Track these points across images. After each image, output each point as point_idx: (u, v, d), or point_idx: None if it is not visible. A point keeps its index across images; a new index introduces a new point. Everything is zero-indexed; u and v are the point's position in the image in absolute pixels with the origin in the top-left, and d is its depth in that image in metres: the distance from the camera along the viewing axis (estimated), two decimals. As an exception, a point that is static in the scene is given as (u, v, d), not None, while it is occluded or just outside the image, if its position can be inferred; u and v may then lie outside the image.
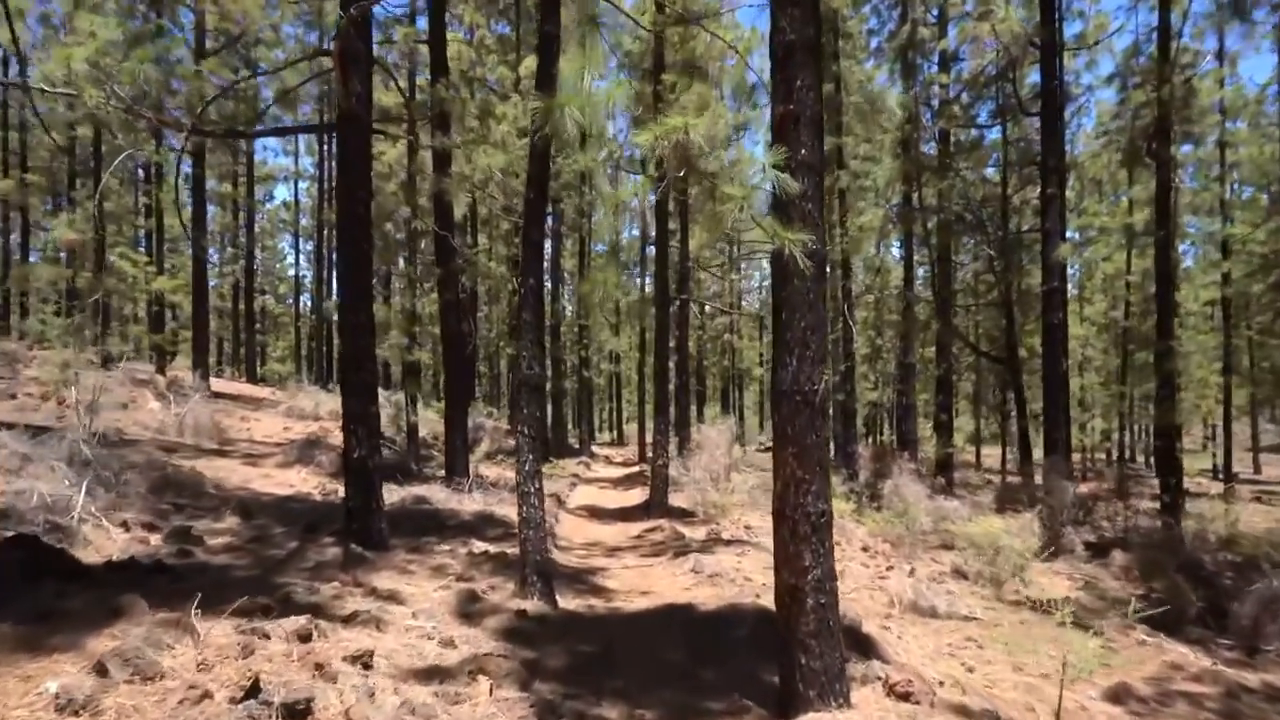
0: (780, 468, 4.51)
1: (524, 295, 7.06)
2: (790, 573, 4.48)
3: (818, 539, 4.43)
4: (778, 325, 4.55)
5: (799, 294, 4.44)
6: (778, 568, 4.62)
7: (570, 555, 10.24)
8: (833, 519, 4.60)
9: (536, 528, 6.86)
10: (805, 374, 4.42)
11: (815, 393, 4.42)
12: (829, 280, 23.28)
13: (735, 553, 9.89)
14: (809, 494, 4.41)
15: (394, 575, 7.47)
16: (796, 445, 4.43)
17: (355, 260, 8.26)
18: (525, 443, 6.94)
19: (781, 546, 4.54)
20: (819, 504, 4.44)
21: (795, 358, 4.43)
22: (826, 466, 4.53)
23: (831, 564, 4.51)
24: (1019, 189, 18.70)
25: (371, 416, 8.30)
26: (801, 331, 4.44)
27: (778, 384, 4.50)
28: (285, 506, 10.05)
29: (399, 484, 13.09)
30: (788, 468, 4.45)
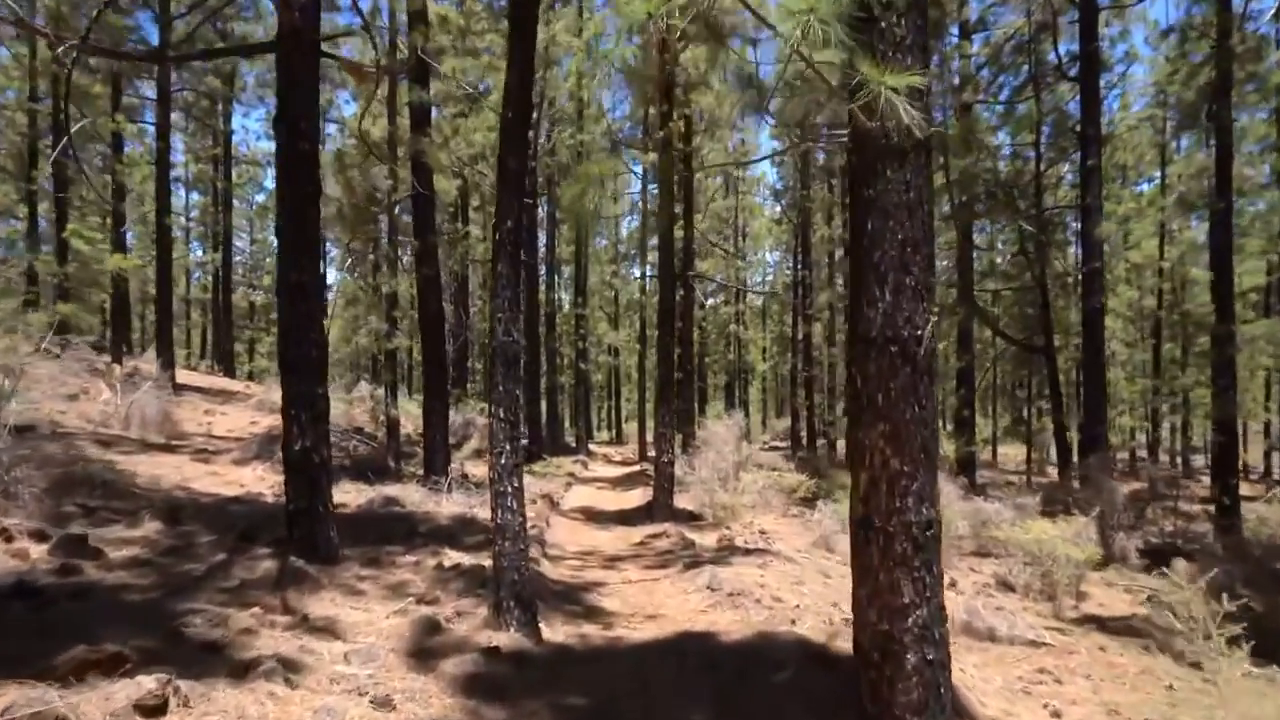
0: (863, 456, 3.01)
1: (499, 241, 5.56)
2: (880, 612, 2.98)
3: (923, 563, 2.93)
4: (857, 245, 3.06)
5: (895, 189, 2.95)
6: (858, 604, 3.12)
7: (562, 567, 8.73)
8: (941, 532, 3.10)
9: (515, 538, 5.35)
10: (904, 313, 2.93)
11: (919, 341, 2.92)
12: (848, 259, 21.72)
13: (755, 564, 8.38)
14: (909, 494, 2.92)
15: (338, 596, 5.96)
16: (889, 421, 2.93)
17: (296, 208, 6.75)
18: (500, 429, 5.43)
19: (865, 573, 3.03)
20: (924, 509, 2.94)
21: (889, 288, 2.94)
22: (934, 454, 3.02)
23: (941, 599, 3.01)
24: (1051, 164, 17.19)
25: (318, 399, 6.79)
26: (899, 248, 2.94)
27: (861, 330, 3.01)
28: (226, 510, 8.53)
29: (370, 483, 11.61)
30: (876, 455, 2.95)
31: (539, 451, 19.84)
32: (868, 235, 2.99)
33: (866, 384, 2.98)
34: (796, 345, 30.48)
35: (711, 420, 19.44)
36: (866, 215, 3.00)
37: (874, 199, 2.97)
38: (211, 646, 4.41)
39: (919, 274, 2.96)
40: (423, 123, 11.76)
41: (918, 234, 2.97)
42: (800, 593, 7.33)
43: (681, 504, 13.86)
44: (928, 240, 3.00)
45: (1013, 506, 12.24)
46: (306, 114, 6.79)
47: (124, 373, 16.55)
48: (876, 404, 2.96)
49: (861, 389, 3.01)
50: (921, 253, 2.97)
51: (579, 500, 15.59)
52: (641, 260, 29.26)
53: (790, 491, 15.09)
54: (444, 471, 11.64)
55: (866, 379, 2.98)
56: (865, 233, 3.00)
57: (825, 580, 8.40)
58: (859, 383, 3.03)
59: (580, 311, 26.67)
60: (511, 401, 5.48)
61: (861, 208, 3.02)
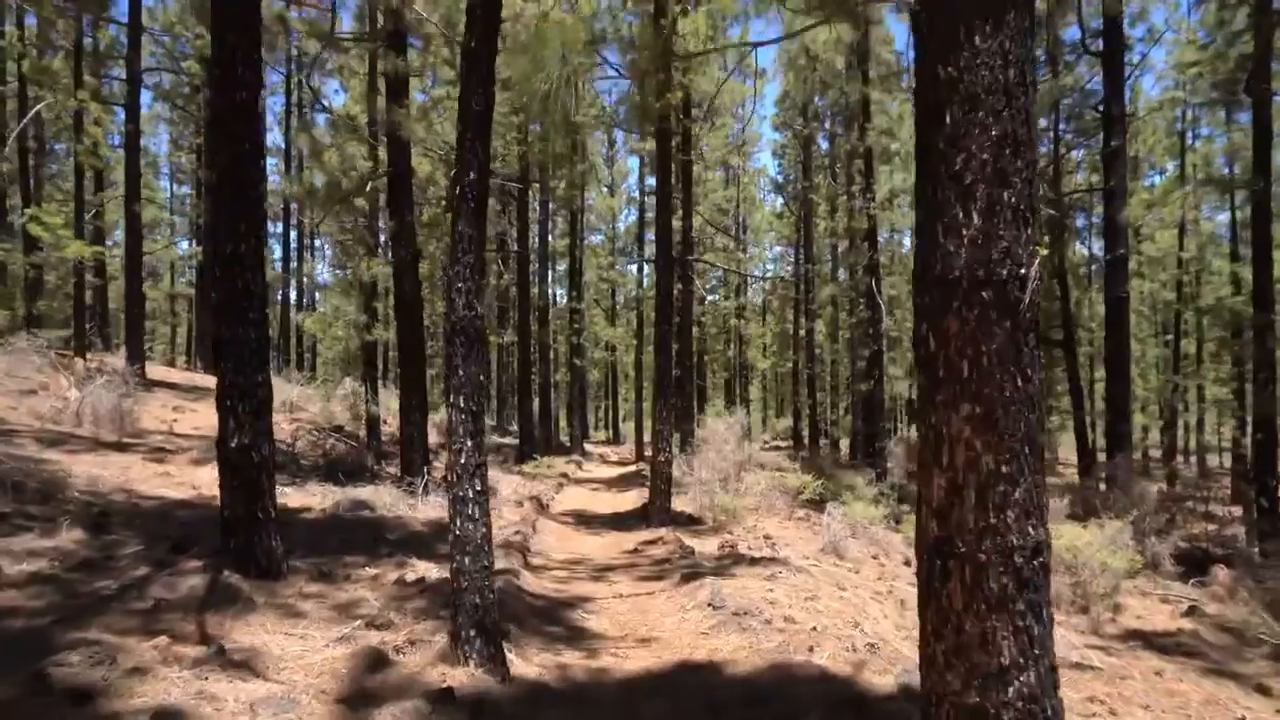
0: (939, 450, 2.08)
1: (459, 196, 4.64)
2: (965, 677, 2.06)
3: (1029, 605, 2.02)
4: (929, 149, 2.13)
5: (987, 63, 2.03)
6: (930, 662, 2.20)
7: (545, 578, 7.80)
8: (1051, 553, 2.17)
9: (477, 553, 4.43)
10: (1001, 242, 2.01)
11: (1023, 284, 1.99)
12: (854, 250, 20.85)
13: (763, 576, 7.46)
14: (1010, 505, 2.00)
15: (271, 620, 5.03)
16: (980, 400, 2.01)
17: (233, 168, 5.82)
18: (460, 422, 4.51)
19: (942, 620, 2.10)
20: (1031, 528, 2.01)
21: (979, 207, 2.03)
22: (1040, 449, 2.09)
23: (1054, 659, 2.07)
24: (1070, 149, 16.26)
25: (258, 388, 5.86)
26: (993, 148, 2.02)
27: (937, 269, 2.09)
28: (168, 515, 7.60)
29: (340, 484, 10.70)
30: (960, 449, 2.03)
31: (530, 451, 18.90)
32: (945, 133, 2.07)
33: (945, 346, 2.06)
34: (799, 342, 29.57)
35: (711, 418, 18.51)
36: (944, 104, 2.07)
37: (955, 79, 2.05)
38: (82, 694, 3.49)
39: (1021, 187, 2.04)
40: (399, 94, 10.82)
41: (1019, 128, 2.05)
42: (815, 611, 6.41)
43: (680, 506, 12.95)
44: (1030, 144, 2.07)
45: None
46: (246, 57, 5.86)
47: (90, 368, 15.64)
48: (960, 375, 2.03)
49: (937, 354, 2.08)
50: (1024, 157, 2.06)
51: (571, 502, 14.67)
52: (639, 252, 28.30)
53: (795, 493, 14.17)
54: (422, 472, 10.71)
55: (945, 339, 2.05)
56: (942, 130, 2.08)
57: (840, 594, 7.48)
58: (932, 345, 2.10)
59: (575, 306, 25.70)
60: (473, 388, 4.55)
61: (936, 93, 2.09)
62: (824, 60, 15.58)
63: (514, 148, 18.57)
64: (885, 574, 10.33)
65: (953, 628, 2.05)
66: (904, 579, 10.21)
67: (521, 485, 14.91)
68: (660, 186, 11.38)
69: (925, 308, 2.14)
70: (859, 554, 11.39)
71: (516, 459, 18.84)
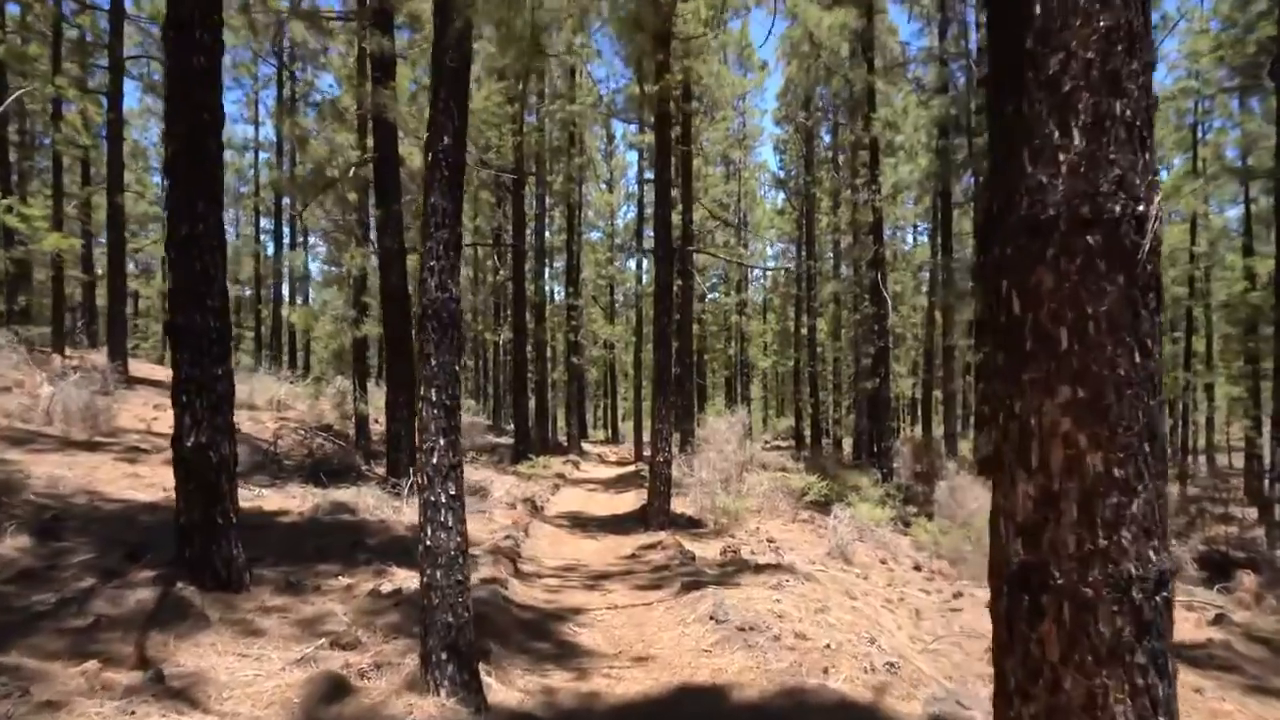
0: (1025, 446, 1.56)
1: (432, 164, 4.13)
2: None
3: (1150, 657, 1.46)
4: (1009, 47, 1.60)
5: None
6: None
7: (536, 586, 7.28)
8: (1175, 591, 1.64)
9: (450, 566, 3.91)
10: (1112, 169, 1.48)
11: (1139, 225, 1.46)
12: (859, 245, 20.29)
13: (768, 585, 6.94)
14: (1125, 522, 1.46)
15: (225, 639, 4.52)
16: (1084, 381, 1.48)
17: (190, 140, 5.30)
18: (432, 417, 4.00)
19: (1030, 673, 1.58)
20: (1151, 554, 1.47)
21: (1081, 121, 1.49)
22: (1162, 444, 1.55)
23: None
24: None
25: (216, 381, 5.34)
26: (1100, 45, 1.48)
27: (1022, 206, 1.55)
28: (130, 520, 7.08)
29: (322, 485, 10.17)
30: (1058, 445, 1.52)
31: (526, 451, 18.37)
32: (1035, 27, 1.55)
33: (1034, 308, 1.54)
34: (800, 340, 29.04)
35: (712, 417, 18.01)
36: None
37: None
38: (-24, 737, 2.98)
39: (1137, 96, 1.53)
40: (385, 76, 10.31)
41: (1134, 17, 1.53)
42: (826, 624, 5.89)
43: (680, 508, 12.44)
44: (1148, 35, 1.56)
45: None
46: (205, 19, 5.34)
47: (68, 364, 15.11)
48: (1056, 347, 1.52)
49: (1022, 320, 1.56)
50: (1140, 56, 1.54)
51: (567, 504, 14.14)
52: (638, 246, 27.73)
53: (799, 495, 13.66)
54: (409, 472, 10.19)
55: (1034, 299, 1.54)
56: (1029, 23, 1.56)
57: (852, 604, 6.97)
58: (1015, 308, 1.58)
59: (573, 302, 25.16)
60: (447, 379, 4.04)
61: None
62: (828, 47, 15.09)
63: (509, 139, 18.06)
64: (895, 580, 9.85)
65: (1046, 685, 1.53)
66: (914, 585, 9.72)
67: (515, 486, 14.39)
68: (659, 175, 10.86)
69: (1005, 261, 1.63)
70: (867, 558, 10.90)
71: (512, 459, 18.31)
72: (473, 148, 17.73)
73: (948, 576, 10.62)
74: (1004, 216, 1.63)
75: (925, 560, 11.44)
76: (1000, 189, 1.65)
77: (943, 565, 11.16)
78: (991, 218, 1.68)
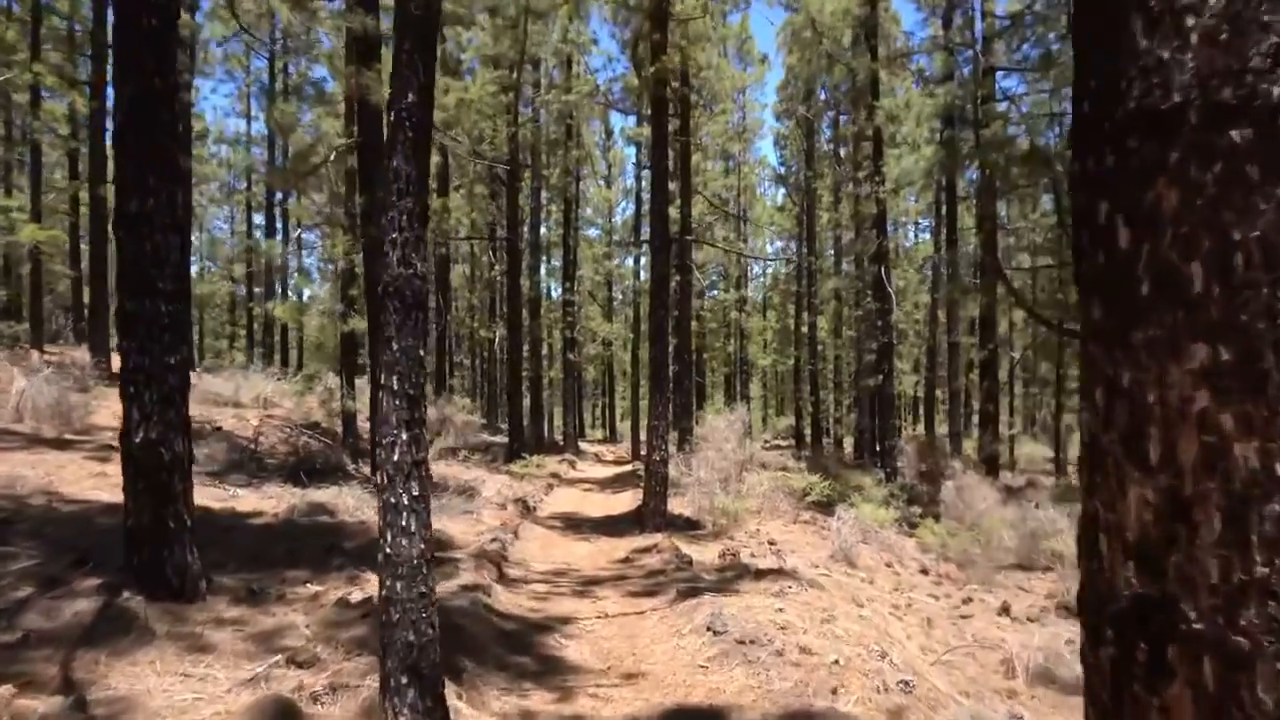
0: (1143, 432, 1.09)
1: (395, 123, 3.69)
2: None
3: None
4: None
5: None
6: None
7: (522, 593, 6.83)
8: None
9: (412, 577, 3.46)
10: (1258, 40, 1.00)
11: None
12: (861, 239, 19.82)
13: (770, 592, 6.49)
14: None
15: (170, 656, 4.08)
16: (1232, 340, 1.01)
17: (140, 109, 4.86)
18: (391, 406, 3.56)
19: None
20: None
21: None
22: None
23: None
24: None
25: (168, 372, 4.89)
26: None
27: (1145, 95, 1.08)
28: (88, 522, 6.63)
29: (303, 485, 9.76)
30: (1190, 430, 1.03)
31: (520, 449, 17.92)
32: None
33: (1152, 237, 1.09)
34: (800, 337, 28.58)
35: (711, 415, 17.57)
36: None
37: None
38: None
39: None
40: (369, 57, 9.87)
41: None
42: (833, 636, 5.44)
43: (677, 509, 12.01)
44: None
45: (1073, 515, 10.33)
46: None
47: (46, 360, 14.66)
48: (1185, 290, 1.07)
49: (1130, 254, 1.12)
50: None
51: (560, 505, 13.70)
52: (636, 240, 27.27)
53: (801, 495, 13.21)
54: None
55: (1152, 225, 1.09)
56: None
57: (859, 613, 6.52)
58: (1122, 238, 1.13)
59: (569, 298, 24.69)
60: (410, 366, 3.59)
61: None
62: (831, 34, 14.66)
63: (503, 130, 17.61)
64: (902, 584, 9.43)
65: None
66: (922, 589, 9.30)
67: (508, 486, 13.96)
68: (655, 163, 10.41)
69: (1103, 176, 1.18)
70: (871, 561, 10.48)
71: (506, 458, 17.87)
72: (466, 139, 17.28)
73: (956, 581, 10.19)
74: (1101, 114, 1.19)
75: (932, 563, 11.02)
76: (1096, 76, 1.20)
77: (950, 569, 10.74)
78: (1083, 119, 1.23)
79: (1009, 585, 10.00)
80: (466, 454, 17.12)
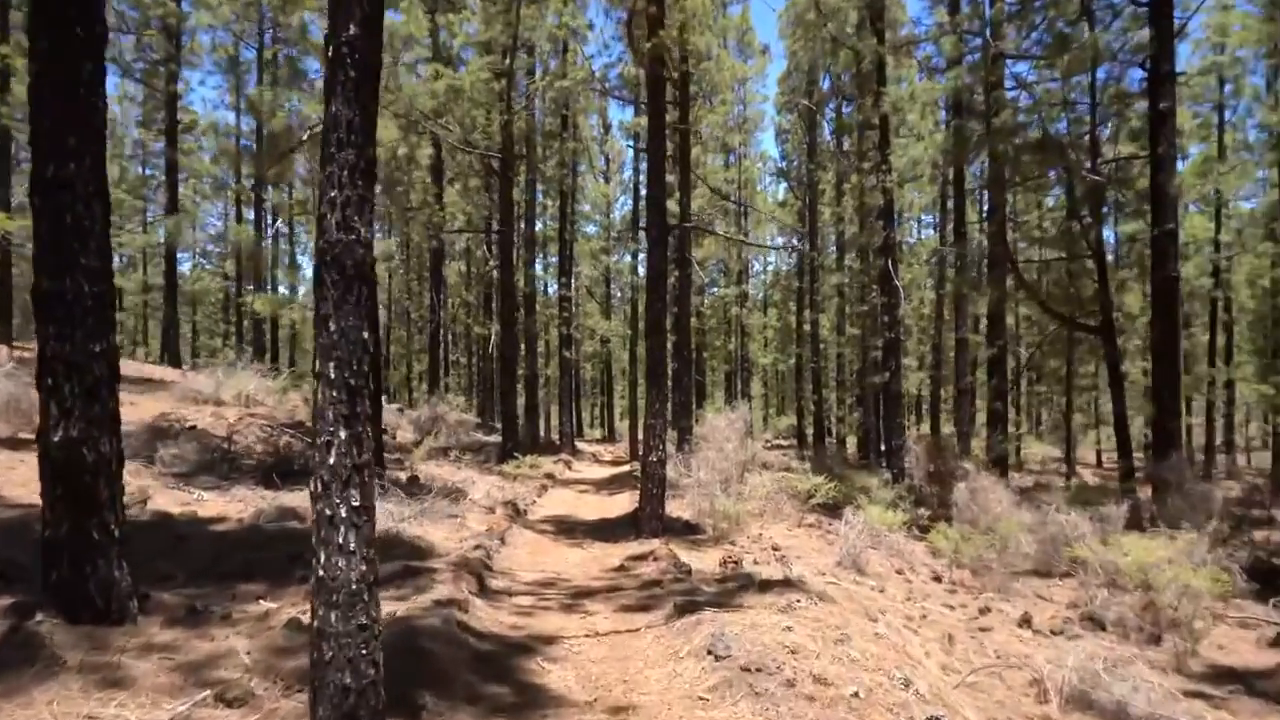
0: None
1: (334, 59, 3.09)
2: None
3: None
4: None
5: None
6: None
7: (503, 608, 6.22)
8: None
9: (350, 605, 2.86)
10: None
11: None
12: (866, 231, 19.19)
13: (776, 607, 5.87)
14: None
15: (76, 692, 3.47)
16: None
17: (61, 64, 4.25)
18: (328, 399, 2.95)
19: None
20: None
21: None
22: None
23: None
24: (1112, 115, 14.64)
25: (94, 361, 4.29)
26: None
27: None
28: (24, 530, 6.02)
29: (275, 487, 9.18)
30: None
31: (514, 449, 17.30)
32: None
33: None
34: (802, 335, 27.98)
35: (711, 414, 16.97)
36: None
37: None
38: None
39: None
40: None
41: None
42: (849, 660, 4.83)
43: (676, 511, 11.43)
44: None
45: (1097, 519, 9.74)
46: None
47: (17, 355, 14.05)
48: None
49: None
50: None
51: (553, 507, 13.10)
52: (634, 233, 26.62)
53: (805, 497, 12.60)
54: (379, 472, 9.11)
55: None
56: None
57: (874, 630, 5.91)
58: None
59: (565, 293, 24.05)
60: (351, 351, 2.98)
61: None
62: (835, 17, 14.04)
63: (496, 118, 16.96)
64: (914, 593, 8.85)
65: None
66: (936, 599, 8.71)
67: (498, 487, 13.35)
68: (652, 144, 9.79)
69: None
70: (881, 568, 9.91)
71: (498, 458, 17.26)
72: (458, 128, 16.66)
73: (970, 588, 9.63)
74: None
75: (944, 569, 10.45)
76: None
77: (964, 575, 10.17)
78: None
79: (1027, 593, 9.42)
80: (458, 454, 16.51)
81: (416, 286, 34.02)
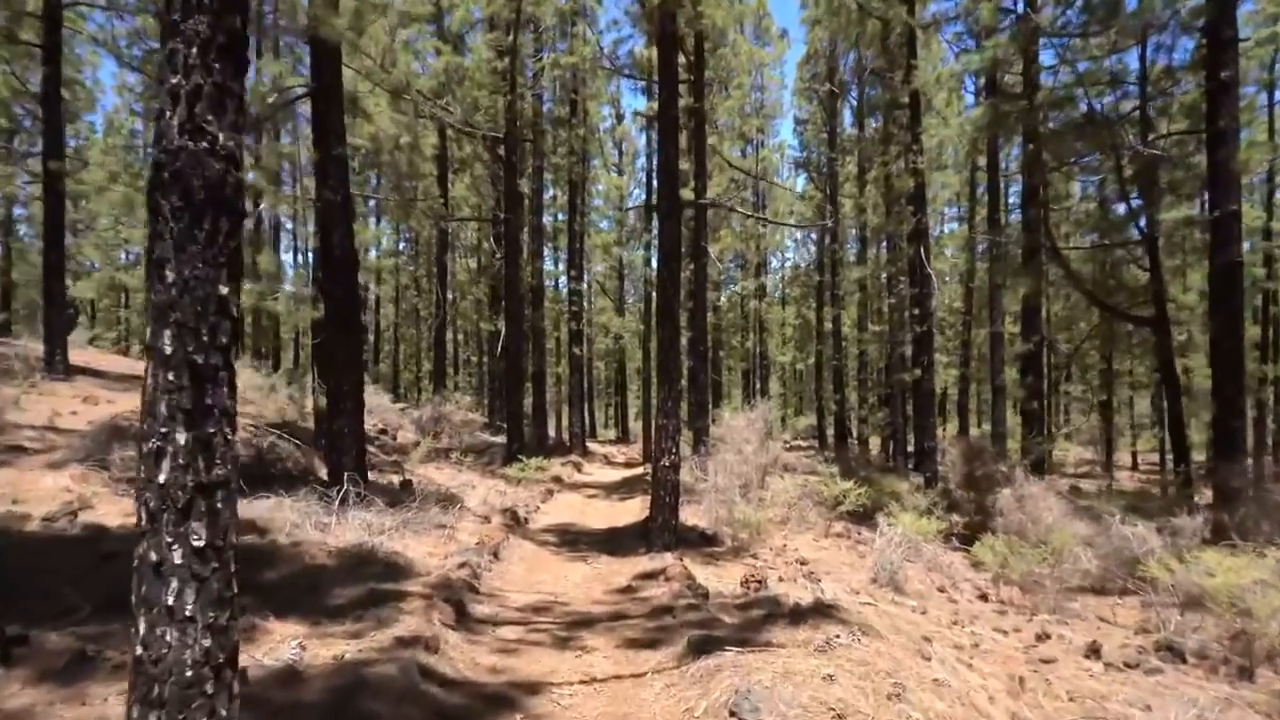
0: None
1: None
2: None
3: None
4: None
5: None
6: None
7: (483, 644, 5.21)
8: None
9: (183, 704, 1.85)
10: None
11: None
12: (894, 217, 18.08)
13: (812, 645, 4.84)
14: None
15: None
16: None
17: None
18: (164, 386, 1.94)
19: None
20: None
21: None
22: None
23: None
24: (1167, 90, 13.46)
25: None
26: None
27: None
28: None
29: (244, 495, 8.17)
30: None
31: (519, 450, 16.33)
32: None
33: None
34: (823, 332, 26.84)
35: (729, 414, 15.94)
36: None
37: None
38: None
39: None
40: None
41: None
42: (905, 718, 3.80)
43: (691, 519, 10.43)
44: None
45: (1168, 533, 8.62)
46: None
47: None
48: None
49: None
50: None
51: (558, 514, 12.11)
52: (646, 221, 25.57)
53: (834, 503, 11.55)
54: (354, 479, 8.17)
55: None
56: None
57: (933, 677, 4.85)
58: None
59: (575, 287, 23.04)
60: (198, 312, 1.98)
61: None
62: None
63: (500, 99, 15.98)
64: (960, 614, 7.78)
65: None
66: (985, 621, 7.63)
67: (499, 492, 12.37)
68: (663, 111, 8.78)
69: None
70: (921, 585, 8.87)
71: (503, 460, 16.30)
72: (458, 109, 15.70)
73: (1021, 608, 8.56)
74: None
75: (990, 586, 9.40)
76: None
77: (1013, 593, 9.12)
78: None
79: (1086, 615, 8.33)
80: (460, 456, 15.57)
81: (425, 284, 33.22)
